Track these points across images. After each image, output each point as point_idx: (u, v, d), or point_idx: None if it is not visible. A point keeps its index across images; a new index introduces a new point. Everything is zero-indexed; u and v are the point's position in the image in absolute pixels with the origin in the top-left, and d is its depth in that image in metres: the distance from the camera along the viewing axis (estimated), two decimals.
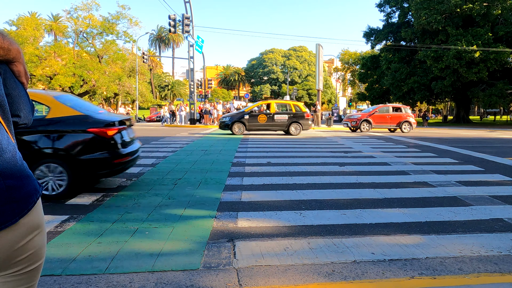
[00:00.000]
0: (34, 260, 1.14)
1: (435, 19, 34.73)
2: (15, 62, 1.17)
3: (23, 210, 1.07)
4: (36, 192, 1.13)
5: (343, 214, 4.35)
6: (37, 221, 1.13)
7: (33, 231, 1.11)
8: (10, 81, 1.15)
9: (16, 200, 1.06)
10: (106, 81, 36.02)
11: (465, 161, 9.03)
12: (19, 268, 1.10)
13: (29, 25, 33.72)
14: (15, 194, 1.06)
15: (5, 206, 1.03)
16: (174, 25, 25.82)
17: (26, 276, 1.13)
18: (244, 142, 13.70)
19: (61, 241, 3.38)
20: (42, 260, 1.18)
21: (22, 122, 1.23)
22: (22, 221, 1.07)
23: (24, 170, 1.12)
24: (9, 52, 1.13)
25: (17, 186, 1.07)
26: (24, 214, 1.08)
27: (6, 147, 1.08)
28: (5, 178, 1.04)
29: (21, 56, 1.18)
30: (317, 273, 2.82)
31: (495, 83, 35.19)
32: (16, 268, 1.10)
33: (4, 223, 1.03)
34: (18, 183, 1.08)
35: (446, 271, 2.87)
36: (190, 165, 7.84)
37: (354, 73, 62.17)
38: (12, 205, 1.05)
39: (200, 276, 2.74)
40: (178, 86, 75.82)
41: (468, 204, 4.91)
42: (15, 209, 1.06)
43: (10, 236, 1.05)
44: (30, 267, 1.13)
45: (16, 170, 1.08)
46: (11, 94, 1.15)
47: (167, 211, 4.41)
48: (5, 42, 1.11)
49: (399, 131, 22.11)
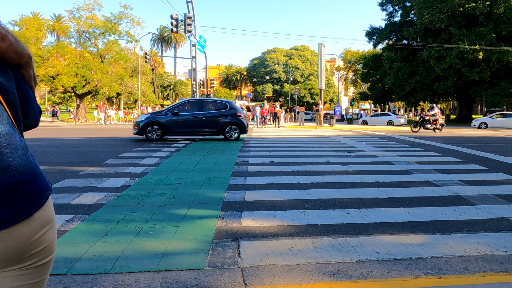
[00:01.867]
0: (48, 253, 1.18)
1: (438, 18, 34.64)
2: (26, 66, 1.20)
3: (37, 204, 1.11)
4: (47, 188, 1.17)
5: (347, 214, 4.35)
6: (50, 215, 1.17)
7: (46, 225, 1.15)
8: (21, 84, 1.18)
9: (31, 194, 1.10)
10: (109, 81, 36.05)
11: (469, 160, 9.01)
12: (34, 261, 1.14)
13: (32, 26, 33.79)
14: (30, 188, 1.10)
15: (21, 200, 1.07)
16: (176, 25, 25.84)
17: (40, 269, 1.17)
18: (247, 141, 13.70)
19: (66, 241, 3.38)
20: (53, 254, 1.22)
21: (30, 124, 1.27)
22: (36, 215, 1.11)
23: (36, 167, 1.16)
24: (22, 57, 1.16)
25: (31, 181, 1.11)
26: (38, 208, 1.12)
27: (20, 144, 1.12)
28: (20, 173, 1.08)
29: (31, 61, 1.22)
30: (322, 272, 2.81)
31: (498, 82, 35.08)
32: (31, 261, 1.13)
33: (21, 216, 1.07)
34: (32, 178, 1.12)
35: (452, 270, 2.86)
36: (193, 165, 7.85)
37: (356, 72, 62.13)
38: (27, 199, 1.09)
39: (205, 275, 2.74)
40: (180, 85, 75.95)
41: (473, 203, 4.89)
42: (30, 203, 1.10)
43: (26, 229, 1.09)
44: (44, 260, 1.17)
45: (29, 166, 1.12)
46: (22, 97, 1.18)
47: (171, 210, 4.42)
48: (19, 47, 1.14)
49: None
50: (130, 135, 16.40)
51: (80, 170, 7.11)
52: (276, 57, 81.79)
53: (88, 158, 8.85)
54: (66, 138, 14.78)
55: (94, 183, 5.91)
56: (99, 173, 6.85)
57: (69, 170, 7.08)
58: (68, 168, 7.39)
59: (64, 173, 6.79)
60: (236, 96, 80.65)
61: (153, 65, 66.70)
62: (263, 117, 27.10)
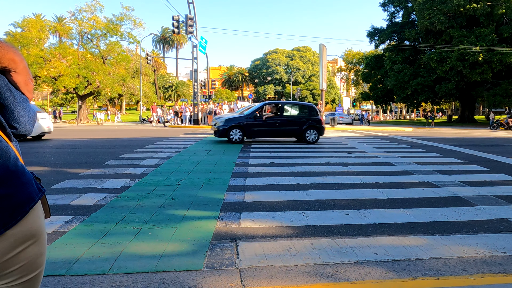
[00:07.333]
0: (28, 271, 1.07)
1: (439, 19, 34.59)
2: (10, 71, 1.11)
3: (11, 220, 1.01)
4: (30, 200, 1.06)
5: (346, 215, 4.34)
6: (32, 230, 1.06)
7: (26, 241, 1.04)
8: (3, 90, 1.08)
9: (2, 211, 1.00)
10: (110, 82, 36.14)
11: (469, 161, 8.98)
12: (10, 280, 1.04)
13: (34, 27, 33.91)
14: (3, 204, 1.00)
15: None
16: (178, 26, 25.87)
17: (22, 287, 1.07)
18: (248, 142, 13.70)
19: (64, 242, 3.39)
20: (38, 270, 1.11)
21: (19, 133, 1.17)
22: (9, 232, 1.00)
23: (19, 176, 1.05)
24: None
25: (6, 195, 1.01)
26: (12, 225, 1.01)
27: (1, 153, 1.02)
28: None
29: (17, 66, 1.11)
30: (320, 273, 2.81)
31: (500, 82, 34.99)
32: (7, 280, 1.03)
33: None
34: (9, 191, 1.01)
35: (450, 271, 2.86)
36: (193, 166, 7.85)
37: (358, 73, 62.06)
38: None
39: (203, 276, 2.74)
40: (182, 86, 76.01)
41: (473, 204, 4.88)
42: (0, 221, 0.99)
43: None
44: (24, 278, 1.06)
45: (6, 177, 1.02)
46: (4, 104, 1.09)
47: (171, 211, 4.42)
48: None
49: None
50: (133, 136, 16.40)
51: (81, 171, 7.12)
52: (277, 58, 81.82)
53: (88, 159, 8.87)
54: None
55: (94, 184, 5.92)
56: (99, 174, 6.86)
57: (69, 172, 7.10)
58: (68, 170, 7.40)
59: (64, 174, 6.81)
60: (238, 97, 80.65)
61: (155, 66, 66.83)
62: None
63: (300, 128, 13.78)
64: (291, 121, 13.92)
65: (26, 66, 1.16)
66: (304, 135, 13.78)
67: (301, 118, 13.98)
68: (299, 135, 13.87)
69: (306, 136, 13.78)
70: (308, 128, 13.80)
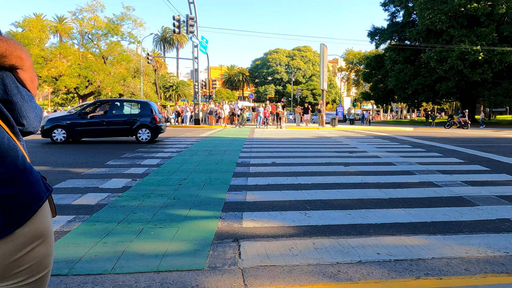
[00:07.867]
0: (36, 271, 1.07)
1: (439, 19, 34.55)
2: (17, 69, 1.10)
3: (20, 220, 1.01)
4: (38, 199, 1.06)
5: (348, 214, 4.34)
6: (40, 230, 1.06)
7: (34, 241, 1.04)
8: (10, 87, 1.08)
9: (11, 210, 0.99)
10: (111, 82, 36.20)
11: (471, 160, 8.98)
12: (18, 280, 1.04)
13: (35, 27, 33.96)
14: (12, 202, 1.00)
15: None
16: (179, 26, 25.88)
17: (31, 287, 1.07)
18: (249, 142, 13.70)
19: (67, 241, 3.39)
20: (46, 270, 1.11)
21: (26, 130, 1.16)
22: (18, 232, 1.01)
23: (26, 176, 1.05)
24: (5, 59, 1.06)
25: (14, 194, 1.01)
26: (21, 224, 1.01)
27: (6, 152, 1.02)
28: (1, 186, 0.98)
29: (24, 63, 1.11)
30: (322, 273, 2.81)
31: (501, 82, 34.95)
32: (15, 280, 1.03)
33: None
34: (17, 190, 1.01)
35: (452, 271, 2.85)
36: (195, 166, 7.85)
37: (359, 72, 62.03)
38: (7, 215, 0.99)
39: (205, 276, 2.74)
40: (183, 86, 75.96)
41: (474, 204, 4.88)
42: (9, 220, 0.99)
43: (5, 247, 0.99)
44: (32, 279, 1.06)
45: (14, 176, 1.01)
46: (12, 101, 1.09)
47: (172, 211, 4.42)
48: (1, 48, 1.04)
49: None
50: None
51: (82, 171, 7.13)
52: (278, 58, 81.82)
53: (90, 158, 8.88)
54: None
55: (95, 184, 5.93)
56: (100, 173, 6.87)
57: (70, 171, 7.10)
58: (69, 169, 7.41)
59: (65, 173, 6.81)
60: (239, 97, 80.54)
61: (156, 66, 66.75)
62: (266, 118, 27.13)
63: (131, 128, 13.15)
64: (120, 120, 13.29)
65: (32, 64, 1.16)
66: (136, 134, 13.21)
67: (132, 116, 13.37)
68: (130, 134, 13.29)
69: (138, 135, 13.18)
70: (140, 127, 13.18)
